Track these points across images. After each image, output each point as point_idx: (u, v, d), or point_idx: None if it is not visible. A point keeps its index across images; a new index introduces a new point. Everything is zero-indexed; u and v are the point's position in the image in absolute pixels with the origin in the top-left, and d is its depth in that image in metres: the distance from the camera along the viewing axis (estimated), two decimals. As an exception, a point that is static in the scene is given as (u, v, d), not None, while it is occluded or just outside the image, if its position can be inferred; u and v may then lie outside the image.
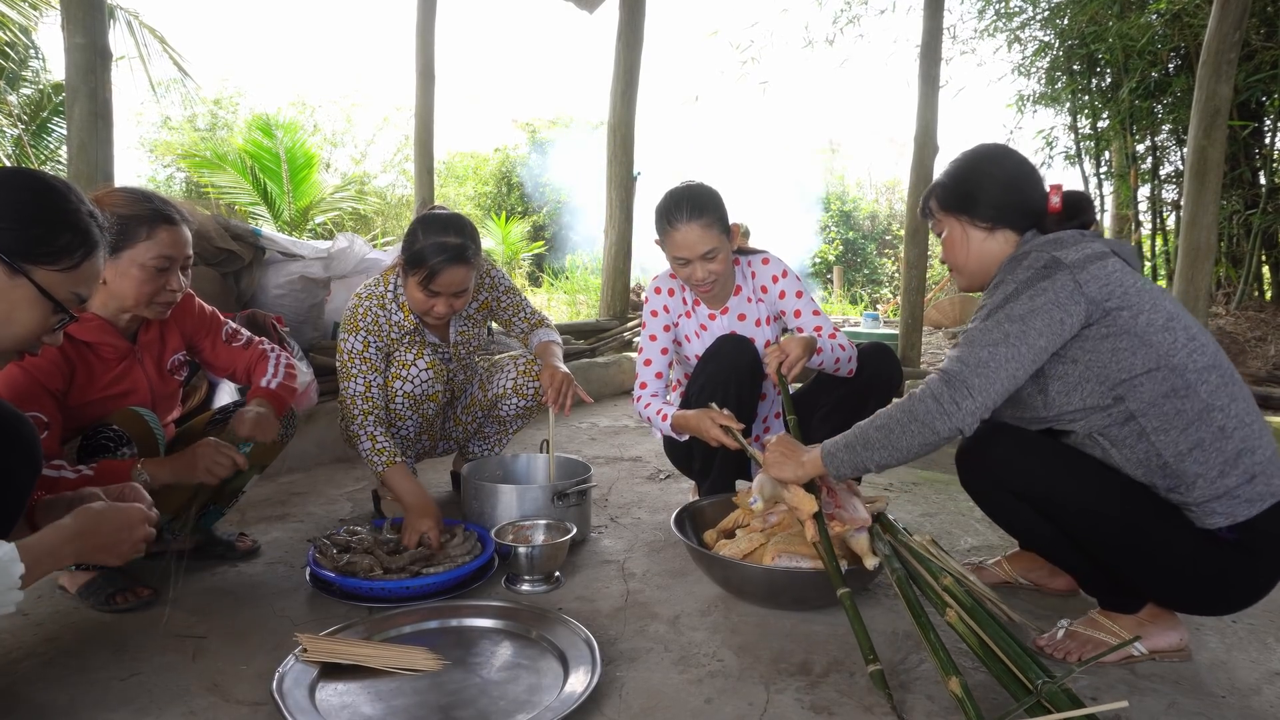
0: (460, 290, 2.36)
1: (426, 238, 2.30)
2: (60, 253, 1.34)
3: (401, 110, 15.60)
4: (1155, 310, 1.57)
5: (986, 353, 1.57)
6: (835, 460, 1.75)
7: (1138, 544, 1.57)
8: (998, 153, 1.83)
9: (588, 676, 1.55)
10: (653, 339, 2.57)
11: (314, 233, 11.31)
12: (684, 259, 2.38)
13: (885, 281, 15.47)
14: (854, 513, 1.90)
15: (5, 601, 1.18)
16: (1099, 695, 1.59)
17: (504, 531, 2.19)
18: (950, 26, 8.16)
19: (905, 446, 1.63)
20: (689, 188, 2.41)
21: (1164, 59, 7.17)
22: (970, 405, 1.56)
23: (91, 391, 1.93)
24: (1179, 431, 1.53)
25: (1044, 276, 1.58)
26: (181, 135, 14.98)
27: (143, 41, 10.24)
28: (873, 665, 1.55)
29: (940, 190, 1.84)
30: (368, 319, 2.43)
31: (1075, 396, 1.61)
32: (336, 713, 1.47)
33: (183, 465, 1.87)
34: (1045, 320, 1.56)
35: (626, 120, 6.04)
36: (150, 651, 1.73)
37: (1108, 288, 1.57)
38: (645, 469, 3.44)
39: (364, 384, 2.40)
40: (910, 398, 1.64)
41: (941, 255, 1.90)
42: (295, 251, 3.78)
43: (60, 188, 1.37)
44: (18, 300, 1.31)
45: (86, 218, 1.39)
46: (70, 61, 3.31)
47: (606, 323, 6.17)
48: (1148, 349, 1.54)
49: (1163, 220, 7.90)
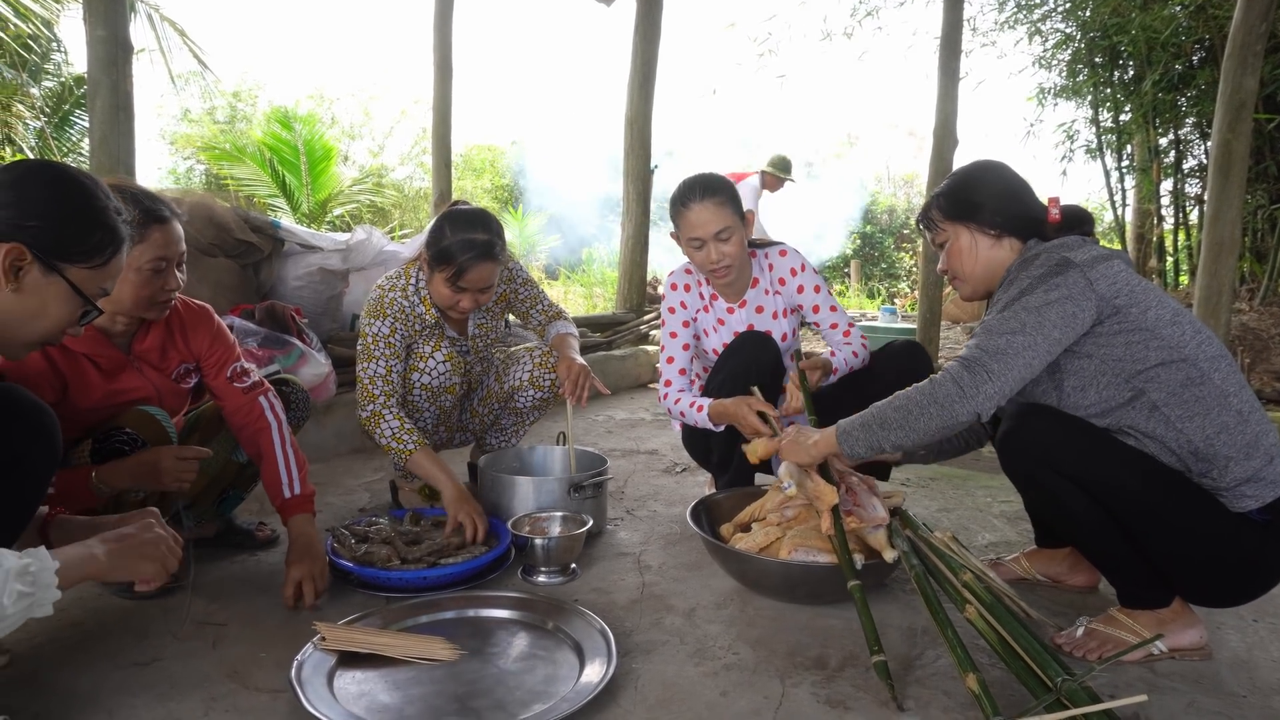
0: (487, 286, 2.37)
1: (454, 234, 2.31)
2: (92, 251, 1.36)
3: (419, 103, 15.63)
4: (1162, 306, 1.63)
5: (1004, 340, 1.61)
6: (850, 439, 1.76)
7: (1178, 522, 1.58)
8: (996, 165, 1.92)
9: (603, 668, 1.56)
10: (673, 335, 2.57)
11: (332, 225, 11.37)
12: (698, 240, 2.39)
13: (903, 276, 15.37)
14: (872, 511, 1.90)
15: (43, 601, 1.20)
16: (1118, 693, 1.58)
17: (520, 523, 2.20)
18: (970, 18, 8.06)
19: (923, 428, 1.65)
20: (700, 174, 2.44)
21: (1188, 51, 7.07)
22: (989, 389, 1.60)
23: (91, 398, 1.89)
24: (1202, 417, 1.57)
25: (1057, 273, 1.63)
26: (201, 128, 15.08)
27: (163, 34, 10.32)
28: (877, 656, 1.56)
29: (943, 200, 1.89)
30: (394, 308, 2.44)
31: (1090, 392, 1.64)
32: (354, 701, 1.49)
33: (144, 472, 1.81)
34: (1059, 313, 1.60)
35: (644, 113, 6.02)
36: (170, 638, 1.75)
37: (1115, 286, 1.62)
38: (661, 462, 3.44)
39: (385, 367, 2.41)
40: (930, 381, 1.67)
41: (941, 265, 1.94)
42: (314, 243, 3.80)
43: (89, 185, 1.39)
44: (50, 296, 1.33)
45: (114, 215, 1.40)
46: (92, 54, 3.33)
47: (623, 315, 6.17)
48: (1159, 342, 1.60)
49: (1186, 215, 7.79)
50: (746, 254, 2.53)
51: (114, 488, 1.81)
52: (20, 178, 1.33)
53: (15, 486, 1.40)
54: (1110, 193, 8.04)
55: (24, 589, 1.16)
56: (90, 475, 1.78)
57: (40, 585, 1.19)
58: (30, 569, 1.18)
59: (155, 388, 2.01)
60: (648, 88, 5.99)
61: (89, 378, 1.88)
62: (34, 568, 1.19)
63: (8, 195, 1.30)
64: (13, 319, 1.30)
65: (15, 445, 1.38)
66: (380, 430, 2.34)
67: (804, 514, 2.05)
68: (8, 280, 1.27)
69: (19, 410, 1.40)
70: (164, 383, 2.04)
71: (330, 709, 1.43)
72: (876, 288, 14.11)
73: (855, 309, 10.94)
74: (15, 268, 1.27)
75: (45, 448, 1.44)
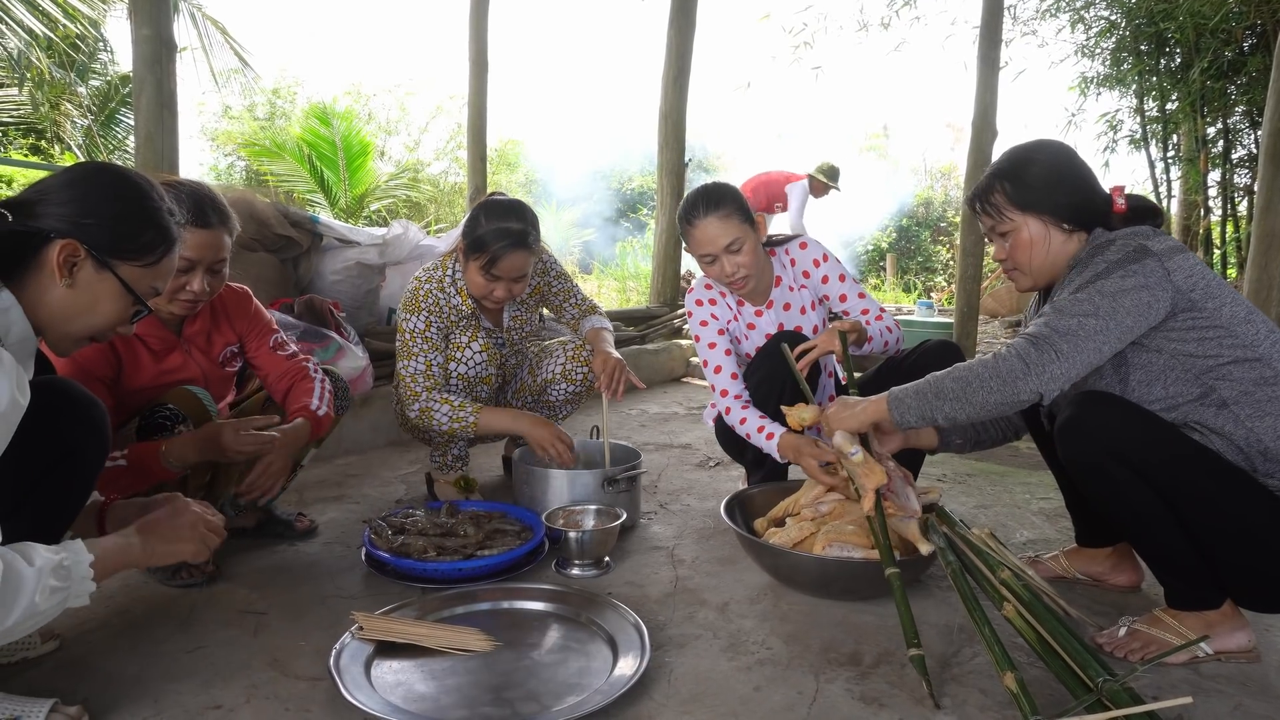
0: (520, 275, 2.39)
1: (489, 223, 2.34)
2: (144, 250, 1.39)
3: (454, 99, 15.70)
4: (1236, 304, 1.59)
5: (1076, 322, 1.57)
6: (902, 406, 1.71)
7: (1243, 522, 1.52)
8: (1062, 148, 1.79)
9: (636, 661, 1.56)
10: (712, 346, 2.48)
11: (369, 220, 11.49)
12: (709, 255, 2.36)
13: (940, 269, 15.15)
14: (906, 501, 1.88)
15: (80, 592, 1.24)
16: (1161, 694, 1.55)
17: (555, 516, 2.21)
18: (1011, 6, 7.92)
19: (981, 402, 1.61)
20: (703, 186, 2.41)
21: (1239, 37, 6.88)
22: (1056, 369, 1.55)
23: (141, 379, 1.98)
24: (1275, 417, 1.53)
25: (1134, 260, 1.58)
26: (241, 124, 15.30)
27: (205, 32, 10.52)
28: (914, 650, 1.54)
29: (1009, 186, 1.75)
30: (429, 300, 2.48)
31: (1157, 387, 1.61)
32: (391, 690, 1.51)
33: (208, 446, 1.87)
34: (1135, 300, 1.56)
35: (678, 107, 5.99)
36: (214, 626, 1.79)
37: (1192, 279, 1.58)
38: (695, 456, 3.44)
39: (425, 363, 2.44)
40: (995, 356, 1.62)
41: (998, 253, 1.84)
42: (351, 238, 3.85)
43: (144, 185, 1.42)
44: (102, 293, 1.36)
45: (166, 215, 1.43)
46: (137, 53, 3.40)
47: (657, 309, 6.16)
48: (1233, 339, 1.56)
49: (1234, 206, 7.59)
50: (764, 256, 2.49)
51: (184, 462, 1.86)
52: (79, 178, 1.37)
53: (67, 477, 1.44)
54: (1155, 184, 7.86)
55: (57, 584, 1.19)
56: (160, 450, 1.83)
57: (74, 578, 1.23)
58: (64, 563, 1.21)
59: (203, 371, 2.10)
60: (682, 81, 5.96)
61: (141, 359, 1.97)
62: (67, 561, 1.22)
63: (66, 194, 1.34)
64: (65, 313, 1.34)
65: (69, 438, 1.42)
66: (437, 420, 2.39)
67: (839, 509, 2.04)
68: (62, 275, 1.30)
69: (73, 404, 1.44)
70: (210, 366, 2.13)
71: (368, 697, 1.45)
72: (913, 281, 13.93)
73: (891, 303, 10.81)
74: (70, 263, 1.31)
75: (97, 441, 1.48)
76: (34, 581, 1.15)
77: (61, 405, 1.42)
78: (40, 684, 1.52)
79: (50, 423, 1.37)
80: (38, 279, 1.30)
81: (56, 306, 1.32)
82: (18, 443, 1.18)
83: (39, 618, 1.18)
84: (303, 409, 2.12)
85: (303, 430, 2.09)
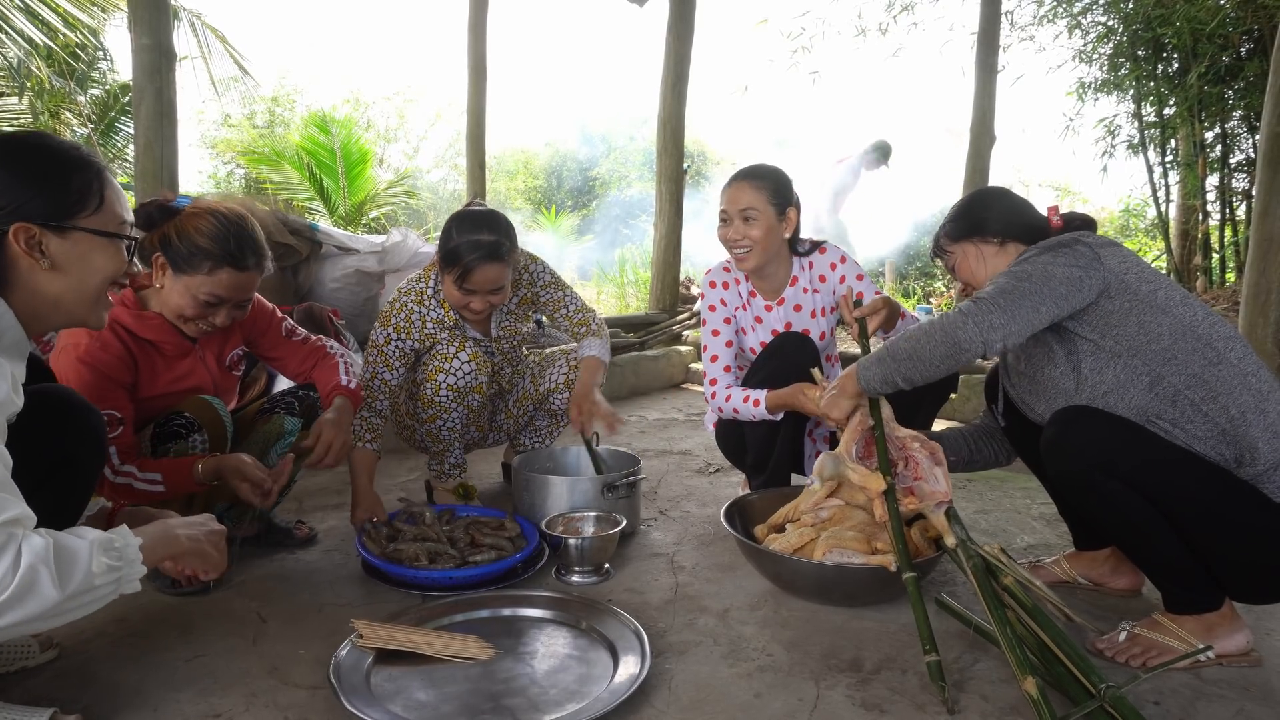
0: (496, 287, 2.35)
1: (460, 235, 2.30)
2: (83, 195, 1.31)
3: (453, 106, 15.75)
4: (1172, 289, 1.67)
5: (1011, 284, 1.68)
6: (867, 374, 1.85)
7: (1232, 516, 1.56)
8: (995, 188, 2.05)
9: (637, 668, 1.56)
10: (715, 334, 2.53)
11: (368, 227, 11.49)
12: (726, 214, 2.44)
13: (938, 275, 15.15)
14: (934, 485, 1.84)
15: (131, 576, 1.23)
16: (1162, 699, 1.55)
17: (554, 523, 2.21)
18: (1009, 12, 7.93)
19: (930, 355, 1.72)
20: (758, 163, 2.49)
21: (1236, 42, 6.89)
22: (995, 319, 1.65)
23: (156, 386, 2.00)
24: (1226, 398, 1.57)
25: (1065, 246, 1.71)
26: (241, 132, 15.32)
27: (205, 41, 10.51)
28: (930, 656, 1.54)
29: (949, 226, 2.01)
30: (400, 315, 2.46)
31: (1109, 372, 1.66)
32: (391, 698, 1.50)
33: (231, 473, 1.90)
34: (1065, 274, 1.65)
35: (677, 113, 6.01)
36: (213, 635, 1.79)
37: (1124, 264, 1.69)
38: (695, 462, 3.43)
39: (370, 373, 2.44)
40: (941, 315, 1.74)
41: (958, 284, 2.03)
42: (350, 246, 3.86)
43: (35, 140, 1.33)
44: (83, 252, 1.30)
45: (73, 149, 1.33)
46: (137, 62, 3.41)
47: (656, 316, 6.17)
48: (1171, 319, 1.63)
49: (1233, 210, 7.59)
50: (783, 250, 2.51)
51: (211, 479, 1.90)
52: None
53: (68, 483, 1.44)
54: (1153, 189, 7.86)
55: (111, 562, 1.18)
56: (195, 465, 1.88)
57: (126, 560, 1.22)
58: (115, 544, 1.21)
59: (212, 378, 2.12)
60: (680, 87, 5.98)
61: (155, 365, 1.99)
62: (118, 543, 1.21)
63: None
64: (67, 287, 1.29)
65: (68, 445, 1.42)
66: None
67: (839, 515, 2.03)
68: (35, 259, 1.25)
69: (72, 412, 1.44)
70: (219, 372, 2.15)
71: (368, 706, 1.44)
72: (912, 286, 13.93)
73: (890, 308, 10.79)
74: (35, 244, 1.25)
75: (93, 447, 1.49)
76: (87, 553, 1.14)
77: (62, 414, 1.42)
78: (39, 692, 1.52)
79: (47, 430, 1.37)
80: (20, 273, 1.25)
81: (55, 287, 1.28)
82: (16, 451, 1.18)
83: (95, 595, 1.17)
84: (336, 387, 2.18)
85: (347, 408, 2.16)
